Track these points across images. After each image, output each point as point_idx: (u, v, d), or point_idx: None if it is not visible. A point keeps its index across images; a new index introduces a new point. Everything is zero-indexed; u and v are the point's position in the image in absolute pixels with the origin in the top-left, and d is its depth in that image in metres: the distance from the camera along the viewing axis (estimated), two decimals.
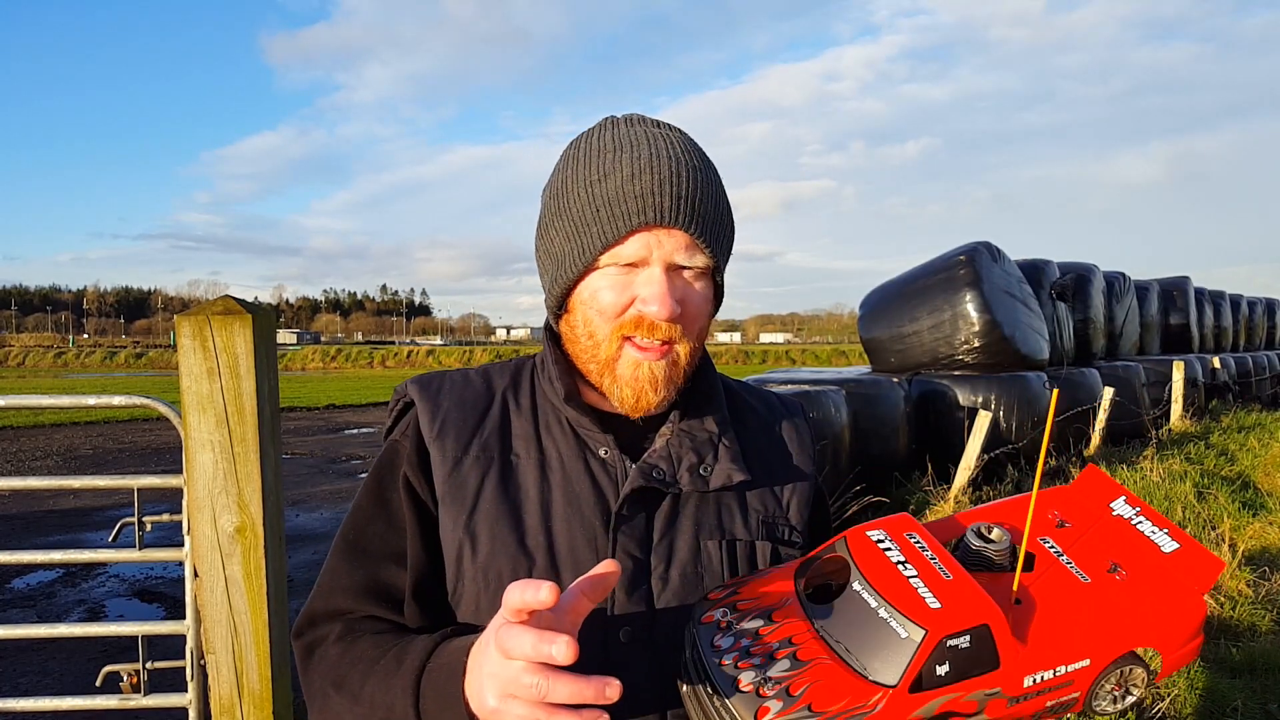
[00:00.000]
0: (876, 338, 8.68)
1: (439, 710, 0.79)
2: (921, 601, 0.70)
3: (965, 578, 0.73)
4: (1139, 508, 0.87)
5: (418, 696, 0.82)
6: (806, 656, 0.71)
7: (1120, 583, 0.80)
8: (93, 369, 58.06)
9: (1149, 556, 0.83)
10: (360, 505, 0.98)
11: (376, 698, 0.85)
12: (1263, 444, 9.08)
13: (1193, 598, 0.80)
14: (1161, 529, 0.85)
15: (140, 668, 1.87)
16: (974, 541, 0.80)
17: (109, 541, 1.90)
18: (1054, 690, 0.74)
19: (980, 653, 0.70)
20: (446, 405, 0.98)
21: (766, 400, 1.11)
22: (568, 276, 0.93)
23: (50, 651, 4.53)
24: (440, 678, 0.80)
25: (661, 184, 0.88)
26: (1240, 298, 17.88)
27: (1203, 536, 5.31)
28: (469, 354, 64.79)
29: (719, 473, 0.95)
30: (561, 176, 0.94)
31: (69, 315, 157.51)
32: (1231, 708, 3.22)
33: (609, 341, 0.92)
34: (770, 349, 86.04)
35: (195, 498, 1.72)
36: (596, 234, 0.89)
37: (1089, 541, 0.84)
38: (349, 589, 0.95)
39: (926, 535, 0.79)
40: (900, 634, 0.69)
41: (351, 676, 0.89)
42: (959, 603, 0.71)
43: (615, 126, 0.95)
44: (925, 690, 0.69)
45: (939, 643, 0.69)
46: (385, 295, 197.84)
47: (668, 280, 0.89)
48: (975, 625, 0.70)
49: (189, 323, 1.70)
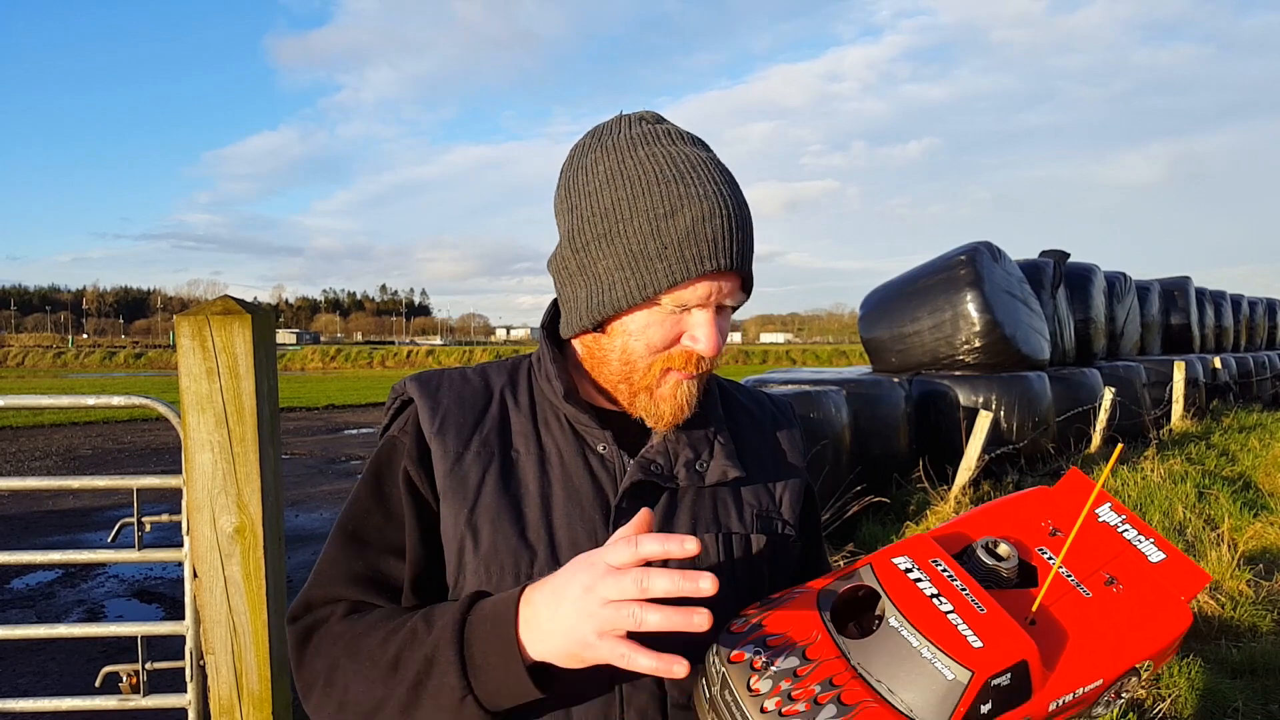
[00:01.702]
0: (877, 338, 8.68)
1: (487, 658, 0.80)
2: (964, 641, 0.71)
3: (998, 611, 0.74)
4: (1125, 515, 0.89)
5: (461, 644, 0.82)
6: (851, 700, 0.71)
7: (1119, 596, 0.81)
8: (92, 369, 58.08)
9: (1139, 567, 0.85)
10: (358, 497, 0.98)
11: (404, 656, 0.85)
12: (1263, 444, 9.08)
13: (1181, 609, 0.82)
14: (1148, 538, 0.87)
15: (139, 668, 1.87)
16: (986, 559, 0.81)
17: (108, 542, 1.90)
18: (1069, 709, 0.76)
19: (1019, 688, 0.71)
20: (446, 402, 0.99)
21: (758, 400, 1.13)
22: (617, 305, 0.92)
23: (50, 652, 4.53)
24: (485, 627, 0.81)
25: (730, 229, 0.89)
26: (1241, 298, 17.88)
27: (1203, 536, 5.31)
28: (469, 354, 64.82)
29: (714, 468, 0.98)
30: (610, 196, 0.91)
31: (68, 315, 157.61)
32: (1231, 708, 3.21)
33: (649, 371, 0.94)
34: (770, 349, 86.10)
35: (194, 498, 1.72)
36: (663, 272, 0.89)
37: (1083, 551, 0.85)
38: (347, 577, 0.95)
39: (950, 561, 0.79)
40: (946, 676, 0.69)
41: (367, 643, 0.88)
42: (1000, 640, 0.71)
43: (657, 142, 0.93)
44: None
45: (985, 683, 0.69)
46: (385, 295, 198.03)
47: (716, 320, 0.93)
48: (1016, 662, 0.70)
49: (188, 323, 1.69)
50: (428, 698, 0.83)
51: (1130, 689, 0.80)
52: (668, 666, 0.72)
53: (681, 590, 0.72)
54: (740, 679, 0.75)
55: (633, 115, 0.98)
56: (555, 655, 0.78)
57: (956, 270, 8.20)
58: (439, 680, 0.82)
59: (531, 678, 0.79)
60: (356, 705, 0.87)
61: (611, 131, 0.96)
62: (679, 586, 0.72)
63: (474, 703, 0.81)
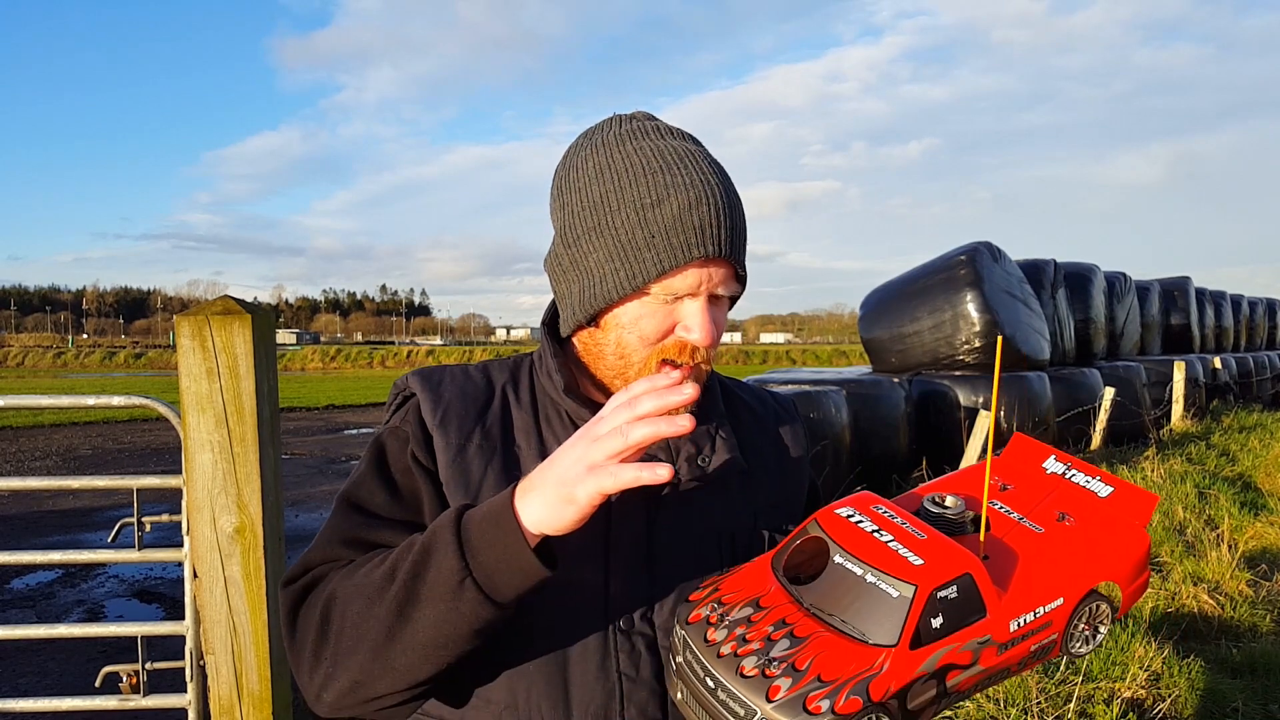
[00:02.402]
0: (877, 338, 8.68)
1: (484, 535, 0.79)
2: (905, 560, 0.73)
3: (938, 535, 0.76)
4: (1069, 463, 0.93)
5: (459, 528, 0.80)
6: (804, 633, 0.73)
7: (1071, 528, 0.85)
8: (92, 369, 58.08)
9: (1089, 502, 0.88)
10: (362, 476, 0.97)
11: (400, 563, 0.82)
12: (1263, 444, 9.08)
13: (1136, 532, 0.85)
14: (1094, 477, 0.91)
15: (140, 668, 1.87)
16: (931, 508, 0.83)
17: (108, 542, 1.90)
18: (1036, 633, 0.77)
19: (968, 601, 0.73)
20: (448, 396, 0.99)
21: (760, 397, 1.14)
22: (609, 297, 0.92)
23: (50, 652, 4.53)
24: (481, 511, 0.81)
25: (719, 215, 0.89)
26: (1241, 298, 17.89)
27: (1203, 537, 5.31)
28: (469, 354, 64.82)
29: (716, 463, 0.98)
30: (599, 189, 0.92)
31: (68, 315, 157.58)
32: (1231, 708, 3.21)
33: (645, 364, 0.94)
34: (770, 349, 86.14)
35: (194, 498, 1.72)
36: (651, 261, 0.89)
37: (1034, 498, 0.89)
38: (347, 542, 0.92)
39: (892, 505, 0.81)
40: (891, 594, 0.71)
41: (362, 571, 0.86)
42: (940, 556, 0.73)
43: (645, 136, 0.94)
44: (925, 645, 0.71)
45: (930, 595, 0.71)
46: (385, 295, 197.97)
47: (709, 309, 0.92)
48: (960, 574, 0.72)
49: (188, 323, 1.69)
50: (427, 590, 0.79)
51: (1103, 618, 0.82)
52: (652, 472, 0.74)
53: (667, 403, 0.77)
54: (698, 635, 0.77)
55: (624, 115, 0.99)
56: (548, 508, 0.77)
57: (956, 270, 8.21)
58: (436, 567, 0.79)
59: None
60: (351, 634, 0.83)
61: (602, 130, 0.97)
62: (664, 401, 0.77)
63: (473, 585, 0.78)
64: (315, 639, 0.85)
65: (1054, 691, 3.17)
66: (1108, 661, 3.40)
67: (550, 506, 0.77)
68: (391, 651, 0.81)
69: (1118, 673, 3.32)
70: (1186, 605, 4.25)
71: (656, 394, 0.77)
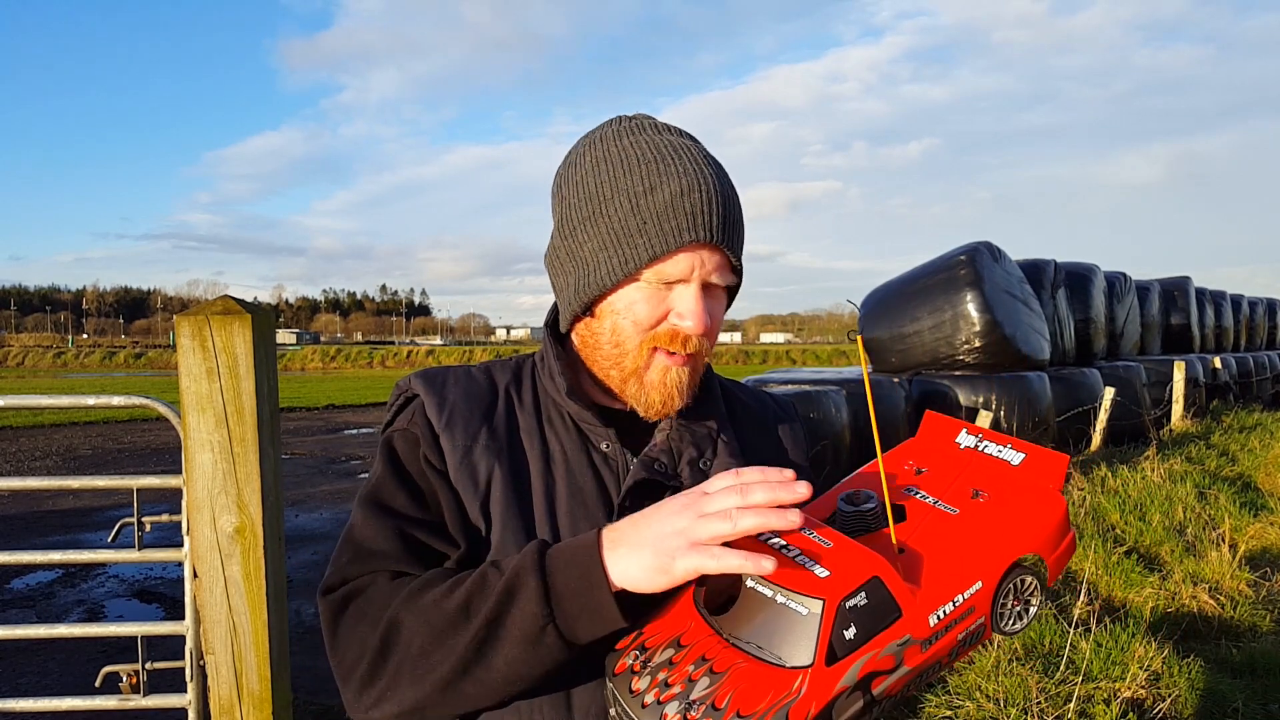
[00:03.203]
0: (877, 338, 8.68)
1: (569, 584, 0.79)
2: (810, 575, 0.72)
3: (844, 541, 0.75)
4: (980, 434, 0.92)
5: (544, 572, 0.80)
6: (723, 667, 0.72)
7: (985, 504, 0.84)
8: (92, 369, 58.09)
9: (1002, 473, 0.87)
10: (381, 478, 0.96)
11: (475, 599, 0.81)
12: (1263, 444, 9.08)
13: (1052, 496, 0.84)
14: (1005, 445, 0.90)
15: (140, 668, 1.87)
16: (846, 509, 0.83)
17: (108, 542, 1.90)
18: (960, 622, 0.76)
19: (879, 605, 0.72)
20: (453, 398, 0.99)
21: (760, 400, 1.14)
22: (602, 284, 0.93)
23: (50, 652, 4.53)
24: (565, 555, 0.81)
25: (710, 202, 0.90)
26: (1241, 298, 17.87)
27: (1203, 537, 5.31)
28: (469, 354, 64.80)
29: (718, 467, 0.98)
30: (594, 180, 0.94)
31: (68, 315, 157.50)
32: (1231, 708, 3.21)
33: (639, 352, 0.94)
34: (770, 349, 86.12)
35: (194, 498, 1.72)
36: (643, 246, 0.90)
37: (947, 478, 0.89)
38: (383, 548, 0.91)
39: (801, 515, 0.80)
40: (801, 612, 0.70)
41: (428, 595, 0.84)
42: (845, 565, 0.72)
43: (642, 132, 0.96)
44: (841, 659, 0.70)
45: (838, 607, 0.70)
46: (385, 295, 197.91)
47: (702, 297, 0.92)
48: (866, 580, 0.71)
49: (188, 323, 1.69)
50: (506, 632, 0.80)
51: (1031, 592, 0.81)
52: (757, 563, 0.72)
53: (779, 499, 0.75)
54: (624, 687, 0.76)
55: (625, 116, 1.00)
56: (641, 570, 0.77)
57: (956, 270, 8.20)
58: (520, 611, 0.79)
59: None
60: (417, 662, 0.82)
61: (601, 129, 0.99)
62: (776, 495, 0.75)
63: (555, 632, 0.79)
64: (374, 659, 0.84)
65: (1054, 691, 3.17)
66: (1108, 661, 3.40)
67: (645, 570, 0.77)
68: (462, 684, 0.82)
69: (1118, 672, 3.31)
70: (1186, 605, 4.25)
71: (769, 487, 0.76)
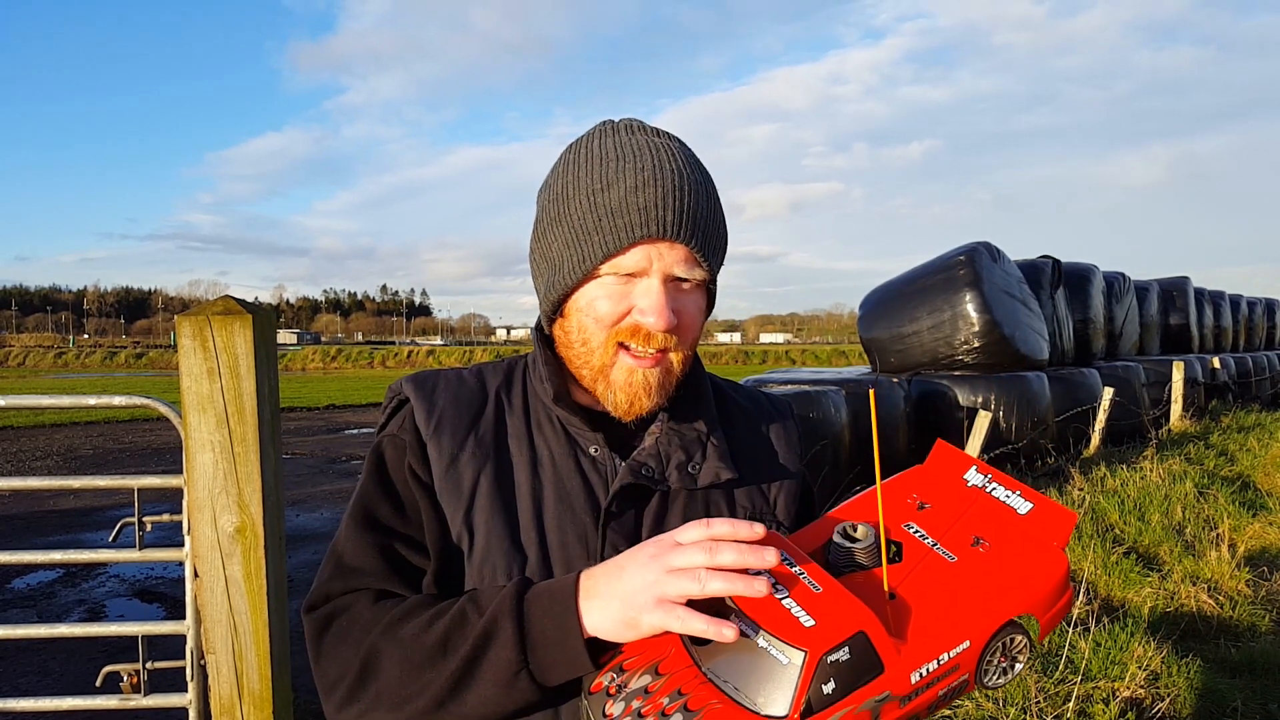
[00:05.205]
0: (876, 338, 8.69)
1: (545, 631, 0.80)
2: (796, 622, 0.70)
3: (835, 587, 0.73)
4: (990, 474, 0.89)
5: (520, 618, 0.81)
6: (697, 705, 0.70)
7: (985, 554, 0.80)
8: (93, 369, 58.08)
9: (1007, 522, 0.84)
10: (366, 490, 0.97)
11: (454, 636, 0.83)
12: (1262, 444, 9.09)
13: (1054, 554, 0.81)
14: (1014, 491, 0.87)
15: (140, 668, 1.87)
16: (841, 543, 0.81)
17: (109, 541, 1.90)
18: (942, 679, 0.74)
19: (862, 661, 0.69)
20: (442, 403, 0.99)
21: (754, 399, 1.13)
22: (565, 283, 0.93)
23: (50, 651, 4.53)
24: (543, 601, 0.82)
25: (665, 197, 0.89)
26: (1240, 298, 17.88)
27: (1202, 536, 5.31)
28: (469, 354, 64.76)
29: (707, 470, 0.97)
30: (561, 182, 0.95)
31: (69, 315, 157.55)
32: (1231, 708, 3.22)
33: (604, 349, 0.93)
34: (770, 349, 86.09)
35: (195, 498, 1.72)
36: (598, 243, 0.90)
37: (950, 518, 0.85)
38: (366, 565, 0.93)
39: (792, 549, 0.79)
40: (781, 661, 0.69)
41: (408, 627, 0.86)
42: (831, 616, 0.70)
43: (615, 134, 0.96)
44: (817, 713, 0.68)
45: (819, 661, 0.68)
46: (385, 295, 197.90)
47: (665, 292, 0.91)
48: (852, 635, 0.69)
49: (189, 323, 1.70)
50: (481, 673, 0.81)
51: (1020, 650, 0.78)
52: (718, 629, 0.72)
53: (746, 562, 0.75)
54: (597, 708, 0.75)
55: (610, 120, 1.00)
56: (610, 623, 0.78)
57: (955, 270, 8.21)
58: (495, 655, 0.81)
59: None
60: (395, 692, 0.84)
61: (585, 134, 0.99)
62: (744, 559, 0.75)
63: (527, 676, 0.80)
64: (353, 683, 0.87)
65: (1053, 691, 3.18)
66: (1107, 661, 3.41)
67: (613, 623, 0.78)
68: (438, 715, 0.84)
69: (1117, 672, 3.32)
70: (1185, 605, 4.25)
71: (737, 550, 0.75)
